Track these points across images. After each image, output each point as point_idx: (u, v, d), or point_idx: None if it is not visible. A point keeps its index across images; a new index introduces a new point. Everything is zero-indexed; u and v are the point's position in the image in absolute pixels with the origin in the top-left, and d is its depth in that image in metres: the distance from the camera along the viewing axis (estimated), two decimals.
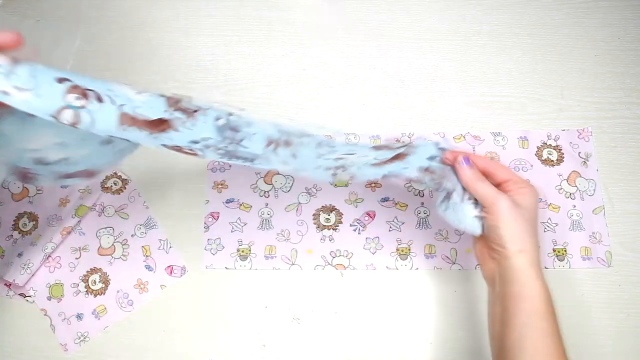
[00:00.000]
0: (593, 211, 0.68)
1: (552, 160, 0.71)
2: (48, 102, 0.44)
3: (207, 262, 0.68)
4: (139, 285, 0.67)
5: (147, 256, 0.69)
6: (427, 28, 0.81)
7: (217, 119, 0.53)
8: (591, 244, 0.66)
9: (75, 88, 0.45)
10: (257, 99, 0.77)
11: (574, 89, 0.75)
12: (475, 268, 0.66)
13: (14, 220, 0.70)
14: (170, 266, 0.68)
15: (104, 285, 0.67)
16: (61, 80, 0.45)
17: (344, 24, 0.82)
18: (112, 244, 0.69)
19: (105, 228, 0.70)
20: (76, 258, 0.68)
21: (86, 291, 0.67)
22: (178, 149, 0.52)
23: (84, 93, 0.46)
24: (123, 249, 0.69)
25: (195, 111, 0.52)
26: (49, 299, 0.67)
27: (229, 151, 0.53)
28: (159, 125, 0.50)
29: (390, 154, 0.57)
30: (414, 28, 0.81)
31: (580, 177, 0.70)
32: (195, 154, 0.52)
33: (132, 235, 0.69)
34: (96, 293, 0.67)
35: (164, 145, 0.51)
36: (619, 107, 0.74)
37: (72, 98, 0.45)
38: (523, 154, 0.71)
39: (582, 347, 0.61)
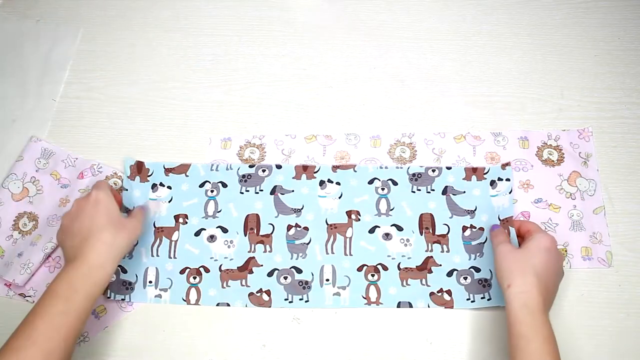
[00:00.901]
0: (593, 211, 0.68)
1: (553, 161, 0.71)
2: (181, 290, 0.66)
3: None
4: None
5: None
6: (427, 28, 0.81)
7: (288, 228, 0.68)
8: (592, 244, 0.66)
9: (191, 270, 0.66)
10: (257, 99, 0.77)
11: (574, 89, 0.75)
12: None
13: (14, 220, 0.70)
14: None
15: None
16: (183, 271, 0.67)
17: (344, 24, 0.82)
18: None
19: None
20: None
21: None
22: (260, 301, 0.65)
23: (198, 272, 0.66)
24: None
25: (271, 234, 0.68)
26: None
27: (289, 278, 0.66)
28: (246, 268, 0.67)
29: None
30: (414, 28, 0.81)
31: (581, 177, 0.70)
32: (268, 303, 0.65)
33: None
34: None
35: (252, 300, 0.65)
36: (619, 107, 0.74)
37: (192, 279, 0.66)
38: (523, 154, 0.71)
39: (582, 347, 0.61)
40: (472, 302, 0.64)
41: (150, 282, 0.66)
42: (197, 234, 0.68)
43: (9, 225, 0.70)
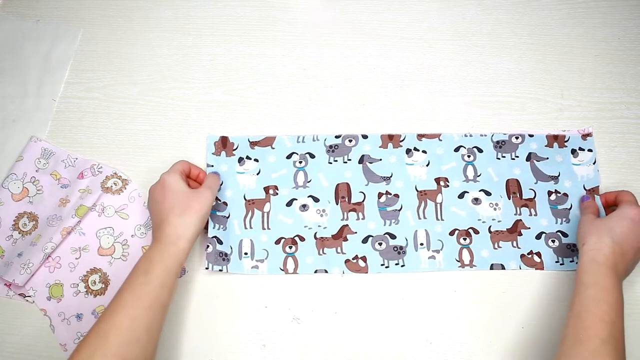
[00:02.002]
0: None
1: None
2: (277, 260, 0.67)
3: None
4: None
5: None
6: (427, 28, 0.81)
7: (379, 196, 0.69)
8: None
9: (286, 240, 0.67)
10: (257, 99, 0.77)
11: (574, 89, 0.75)
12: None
13: (14, 220, 0.70)
14: None
15: (104, 286, 0.67)
16: (278, 242, 0.67)
17: (344, 24, 0.82)
18: (112, 244, 0.69)
19: (105, 228, 0.70)
20: (76, 258, 0.68)
21: (86, 291, 0.67)
22: (356, 268, 0.66)
23: (293, 242, 0.67)
24: (123, 249, 0.69)
25: (363, 202, 0.69)
26: (49, 299, 0.67)
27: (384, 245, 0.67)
28: (340, 236, 0.68)
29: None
30: (414, 28, 0.81)
31: None
32: (365, 269, 0.67)
33: (132, 235, 0.69)
34: (96, 293, 0.67)
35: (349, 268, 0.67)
36: (619, 107, 0.74)
37: (287, 249, 0.67)
38: None
39: None
40: (561, 264, 0.65)
41: (246, 253, 0.67)
42: (289, 204, 0.69)
43: (9, 225, 0.70)
